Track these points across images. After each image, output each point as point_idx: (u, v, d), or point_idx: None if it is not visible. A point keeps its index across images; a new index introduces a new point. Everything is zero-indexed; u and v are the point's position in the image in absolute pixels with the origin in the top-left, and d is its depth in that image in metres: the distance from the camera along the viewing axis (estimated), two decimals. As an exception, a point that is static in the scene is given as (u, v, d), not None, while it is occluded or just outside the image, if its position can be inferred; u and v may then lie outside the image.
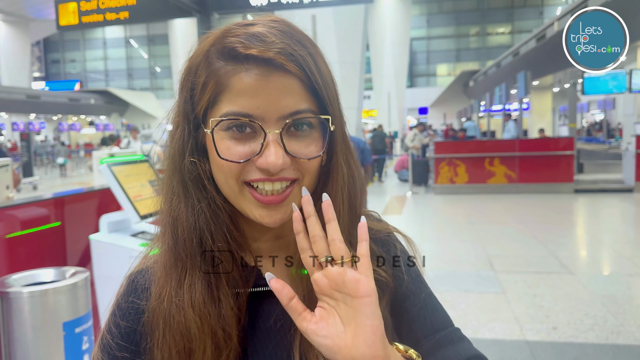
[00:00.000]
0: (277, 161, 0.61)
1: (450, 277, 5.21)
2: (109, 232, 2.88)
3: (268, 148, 0.62)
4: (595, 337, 3.68)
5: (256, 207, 0.65)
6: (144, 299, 0.69)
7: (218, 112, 0.64)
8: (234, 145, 0.63)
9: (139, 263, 0.75)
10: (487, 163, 11.31)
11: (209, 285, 0.65)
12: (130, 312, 0.69)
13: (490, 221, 8.35)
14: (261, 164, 0.62)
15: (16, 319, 2.05)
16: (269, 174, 0.63)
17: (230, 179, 0.64)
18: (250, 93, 0.62)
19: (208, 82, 0.64)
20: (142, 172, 3.03)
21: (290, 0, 6.70)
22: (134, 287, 0.70)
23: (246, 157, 0.63)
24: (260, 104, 0.62)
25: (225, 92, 0.63)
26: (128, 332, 0.68)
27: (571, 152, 10.99)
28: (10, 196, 3.66)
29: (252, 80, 0.62)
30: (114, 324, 0.69)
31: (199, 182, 0.67)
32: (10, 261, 2.75)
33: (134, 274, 0.72)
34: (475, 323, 4.02)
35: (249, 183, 0.64)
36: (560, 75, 16.58)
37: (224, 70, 0.63)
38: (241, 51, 0.62)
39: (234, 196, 0.66)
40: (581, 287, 4.75)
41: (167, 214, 0.68)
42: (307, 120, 0.64)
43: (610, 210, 9.46)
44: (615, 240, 6.94)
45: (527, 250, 6.24)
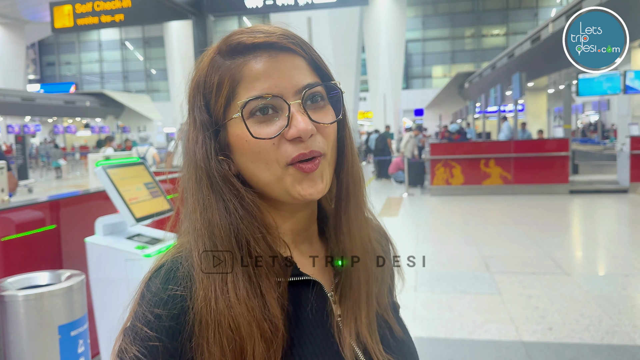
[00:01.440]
0: (307, 126, 0.66)
1: (446, 279, 5.22)
2: (104, 234, 2.87)
3: (295, 118, 0.66)
4: (591, 337, 3.69)
5: (299, 180, 0.68)
6: (185, 289, 0.66)
7: (237, 103, 0.68)
8: (262, 127, 0.67)
9: (169, 254, 0.72)
10: (483, 164, 11.34)
11: (250, 279, 0.65)
12: (170, 300, 0.65)
13: (486, 222, 8.37)
14: (292, 133, 0.66)
15: (11, 322, 2.04)
16: (302, 145, 0.67)
17: (271, 163, 0.67)
18: (264, 76, 0.67)
19: (223, 80, 0.68)
20: (137, 175, 3.02)
21: (286, 3, 6.71)
22: (170, 276, 0.67)
23: (277, 133, 0.66)
24: (276, 83, 0.67)
25: (241, 82, 0.67)
26: (171, 322, 0.64)
27: (566, 153, 11.02)
28: (5, 199, 3.64)
29: (263, 65, 0.67)
30: (152, 315, 0.64)
31: (228, 180, 0.69)
32: (5, 264, 2.74)
33: (167, 263, 0.69)
34: (471, 324, 4.03)
35: (289, 164, 0.68)
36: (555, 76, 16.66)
37: (235, 64, 0.68)
38: (248, 42, 0.68)
39: (276, 180, 0.68)
40: (576, 288, 4.76)
41: (200, 220, 0.68)
42: (319, 92, 0.70)
43: (605, 210, 9.49)
44: (610, 241, 6.97)
45: (523, 251, 6.26)
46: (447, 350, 3.63)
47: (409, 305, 4.44)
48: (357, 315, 0.73)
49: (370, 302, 0.75)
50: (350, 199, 0.75)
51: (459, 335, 3.85)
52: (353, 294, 0.74)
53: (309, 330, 0.69)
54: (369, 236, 0.78)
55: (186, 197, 0.72)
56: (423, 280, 5.16)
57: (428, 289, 4.92)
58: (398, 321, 0.81)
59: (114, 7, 7.26)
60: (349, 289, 0.74)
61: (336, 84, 0.72)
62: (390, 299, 0.83)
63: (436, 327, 4.03)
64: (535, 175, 11.09)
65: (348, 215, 0.75)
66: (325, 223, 0.80)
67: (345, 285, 0.74)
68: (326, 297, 0.73)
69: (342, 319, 0.73)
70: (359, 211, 0.76)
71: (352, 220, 0.75)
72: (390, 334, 0.77)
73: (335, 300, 0.74)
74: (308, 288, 0.71)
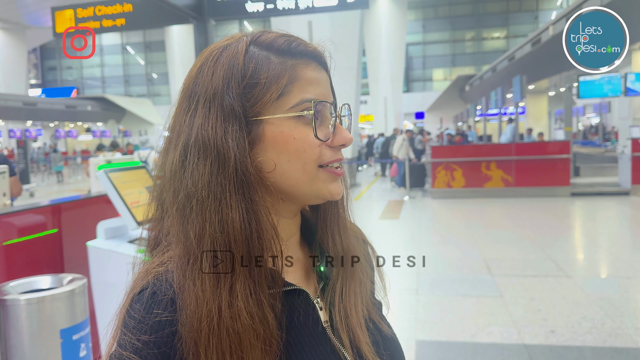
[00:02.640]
0: (351, 136, 0.73)
1: (448, 281, 5.21)
2: (106, 238, 2.87)
3: (339, 127, 0.72)
4: (593, 340, 3.68)
5: (330, 181, 0.72)
6: (172, 312, 0.63)
7: (289, 101, 0.69)
8: (310, 130, 0.69)
9: (143, 271, 0.69)
10: (484, 167, 11.34)
11: (250, 288, 0.64)
12: (157, 325, 0.63)
13: (488, 225, 8.36)
14: (339, 140, 0.71)
15: (13, 326, 2.05)
16: (339, 152, 0.73)
17: (310, 162, 0.69)
18: (316, 83, 0.71)
19: (278, 75, 0.68)
20: (139, 179, 3.02)
21: (286, 6, 6.72)
22: (156, 300, 0.64)
23: (327, 137, 0.71)
24: (323, 92, 0.72)
25: (296, 82, 0.69)
26: (160, 348, 0.62)
27: (567, 156, 11.02)
28: (7, 203, 3.65)
29: (314, 72, 0.71)
30: (140, 342, 0.62)
31: (262, 182, 0.68)
32: (7, 268, 2.75)
33: (150, 285, 0.65)
34: (473, 327, 4.02)
35: (321, 166, 0.71)
36: (555, 79, 16.65)
37: (288, 64, 0.69)
38: (301, 48, 0.71)
39: (308, 180, 0.70)
40: (579, 290, 4.76)
41: (216, 221, 0.64)
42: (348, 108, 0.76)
43: (606, 213, 9.48)
44: (612, 243, 6.95)
45: (525, 253, 6.26)
46: (449, 354, 3.62)
47: (410, 308, 4.44)
48: (347, 320, 0.73)
49: (358, 306, 0.76)
50: (338, 205, 0.79)
51: (461, 338, 3.84)
52: (343, 300, 0.74)
53: (299, 338, 0.69)
54: (354, 242, 0.81)
55: (186, 197, 0.65)
56: (424, 283, 5.15)
57: (430, 292, 4.91)
58: (382, 319, 0.82)
59: (115, 11, 7.28)
60: (337, 296, 0.75)
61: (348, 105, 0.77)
62: (373, 300, 0.84)
63: (438, 330, 4.02)
64: (537, 177, 11.08)
65: (337, 222, 0.78)
66: (306, 229, 0.81)
67: (333, 292, 0.75)
68: (312, 304, 0.73)
69: (333, 324, 0.73)
70: (345, 218, 0.80)
71: (340, 227, 0.78)
72: (379, 335, 0.78)
73: (322, 306, 0.74)
74: (294, 296, 0.71)
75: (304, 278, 0.76)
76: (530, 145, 12.17)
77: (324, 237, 0.78)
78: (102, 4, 7.34)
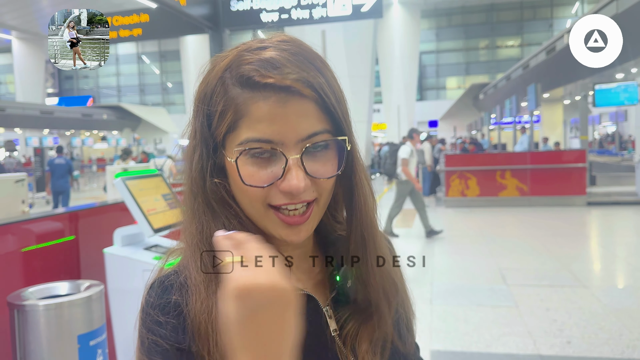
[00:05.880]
0: (299, 184, 0.64)
1: (463, 291, 5.17)
2: (122, 245, 2.90)
3: (290, 172, 0.64)
4: (611, 351, 3.63)
5: (282, 227, 0.68)
6: (181, 295, 0.66)
7: (237, 137, 0.66)
8: (257, 170, 0.65)
9: (159, 271, 0.73)
10: (499, 176, 11.27)
11: None
12: (168, 307, 0.66)
13: (502, 234, 8.29)
14: (284, 188, 0.65)
15: (32, 331, 2.07)
16: (291, 197, 0.66)
17: (255, 202, 0.67)
18: (269, 119, 0.64)
19: (227, 110, 0.66)
20: (155, 186, 3.06)
21: (301, 17, 6.78)
22: (164, 286, 0.68)
23: (269, 182, 0.65)
24: (279, 130, 0.64)
25: (244, 118, 0.65)
26: (173, 321, 0.65)
27: (583, 165, 10.92)
28: (25, 210, 3.70)
29: (270, 107, 0.64)
30: (154, 323, 0.66)
31: (224, 201, 0.69)
32: (26, 274, 2.79)
33: (162, 277, 0.70)
34: (488, 337, 3.98)
35: (272, 206, 0.67)
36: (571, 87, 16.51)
37: (242, 98, 0.65)
38: (258, 80, 0.64)
39: (259, 218, 0.69)
40: (595, 301, 4.70)
41: (197, 235, 0.68)
42: (324, 140, 0.67)
43: (623, 222, 9.36)
44: (629, 253, 6.86)
45: (540, 263, 6.19)
46: (464, 364, 3.60)
47: (424, 318, 4.41)
48: (360, 332, 0.73)
49: (378, 320, 0.74)
50: (363, 218, 0.74)
51: (476, 348, 3.81)
52: (360, 313, 0.74)
53: (304, 342, 0.68)
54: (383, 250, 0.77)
55: (186, 208, 0.72)
56: (439, 292, 5.12)
57: (444, 302, 4.88)
58: (408, 335, 0.81)
59: (132, 21, 7.39)
60: (355, 307, 0.74)
61: (344, 140, 0.69)
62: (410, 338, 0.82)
63: (452, 340, 3.99)
64: (552, 187, 10.99)
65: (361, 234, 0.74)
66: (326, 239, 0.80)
67: (351, 303, 0.74)
68: (321, 311, 0.73)
69: (344, 334, 0.73)
70: (371, 230, 0.75)
71: (365, 240, 0.74)
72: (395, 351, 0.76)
73: (331, 315, 0.74)
74: (302, 302, 0.69)
75: (314, 286, 0.76)
76: (546, 154, 12.08)
77: (351, 245, 0.75)
78: (119, 14, 7.46)
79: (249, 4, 6.93)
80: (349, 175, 0.73)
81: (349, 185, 0.74)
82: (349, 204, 0.75)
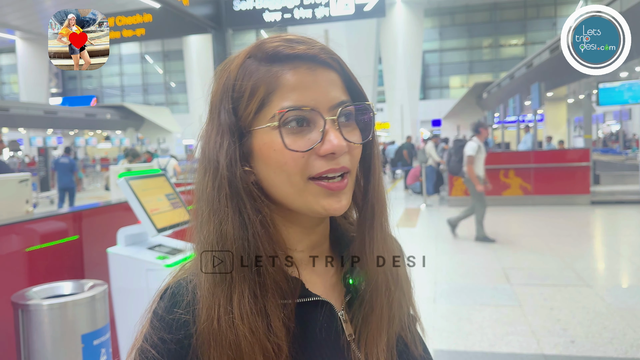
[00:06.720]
0: (341, 142, 0.65)
1: (466, 290, 5.17)
2: (126, 245, 2.91)
3: (329, 134, 0.66)
4: (614, 351, 3.62)
5: (324, 197, 0.67)
6: (189, 313, 0.66)
7: (270, 111, 0.66)
8: (294, 140, 0.65)
9: (175, 275, 0.72)
10: (502, 175, 11.24)
11: (256, 298, 0.64)
12: (175, 325, 0.66)
13: (506, 233, 8.28)
14: (326, 148, 0.65)
15: (36, 331, 2.08)
16: (333, 161, 0.66)
17: (294, 175, 0.66)
18: (302, 87, 0.66)
19: (257, 87, 0.67)
20: (159, 186, 3.06)
21: (304, 16, 6.78)
22: (175, 300, 0.67)
23: (310, 146, 0.65)
24: (313, 97, 0.66)
25: (276, 91, 0.66)
26: (175, 346, 0.65)
27: (587, 164, 10.88)
28: (29, 210, 3.71)
29: (301, 76, 0.66)
30: (158, 339, 0.65)
31: (251, 193, 0.68)
32: (30, 274, 2.80)
33: (172, 286, 0.69)
34: (492, 336, 3.98)
35: (312, 178, 0.67)
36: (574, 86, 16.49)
37: (271, 72, 0.67)
38: (288, 52, 0.67)
39: (297, 193, 0.67)
40: (599, 300, 4.68)
41: (213, 233, 0.67)
42: (351, 111, 0.70)
43: (627, 221, 9.33)
44: (633, 252, 6.84)
45: (544, 262, 6.18)
46: (467, 363, 3.59)
47: (428, 318, 4.41)
48: (376, 336, 0.72)
49: (392, 323, 0.74)
50: (375, 219, 0.74)
51: (479, 347, 3.80)
52: (374, 316, 0.72)
53: (318, 350, 0.68)
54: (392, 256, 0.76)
55: (200, 206, 0.70)
56: (442, 292, 5.12)
57: (447, 301, 4.88)
58: (416, 336, 0.80)
59: (135, 21, 7.41)
60: (369, 311, 0.73)
61: (371, 105, 0.71)
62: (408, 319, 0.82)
63: (456, 339, 3.99)
64: (556, 186, 10.96)
65: (372, 235, 0.74)
66: (341, 240, 0.79)
67: (365, 306, 0.73)
68: (336, 316, 0.72)
69: (358, 338, 0.72)
70: (382, 231, 0.75)
71: (376, 241, 0.74)
72: (407, 355, 0.76)
73: (346, 319, 0.73)
74: (317, 308, 0.70)
75: (329, 290, 0.75)
76: (549, 153, 12.04)
77: (361, 249, 0.75)
78: (123, 14, 7.47)
79: (251, 3, 6.94)
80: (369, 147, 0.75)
81: (368, 158, 0.75)
82: (363, 198, 0.75)
